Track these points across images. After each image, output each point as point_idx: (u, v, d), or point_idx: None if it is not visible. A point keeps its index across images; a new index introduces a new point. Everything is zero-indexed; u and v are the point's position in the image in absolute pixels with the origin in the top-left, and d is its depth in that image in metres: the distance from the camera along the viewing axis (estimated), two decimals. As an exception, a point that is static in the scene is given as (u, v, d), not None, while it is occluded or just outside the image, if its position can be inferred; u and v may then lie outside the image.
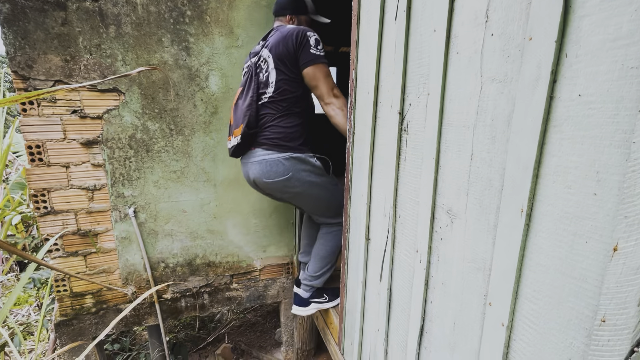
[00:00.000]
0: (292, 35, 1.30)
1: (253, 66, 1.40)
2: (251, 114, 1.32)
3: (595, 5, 0.43)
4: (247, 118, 1.31)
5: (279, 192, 1.42)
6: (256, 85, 1.35)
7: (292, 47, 1.29)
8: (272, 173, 1.34)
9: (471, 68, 0.63)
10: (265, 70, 1.35)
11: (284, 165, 1.33)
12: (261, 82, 1.36)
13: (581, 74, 0.45)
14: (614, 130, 0.41)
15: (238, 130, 1.34)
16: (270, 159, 1.33)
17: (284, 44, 1.30)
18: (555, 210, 0.49)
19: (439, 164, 0.74)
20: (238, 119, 1.35)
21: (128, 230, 1.83)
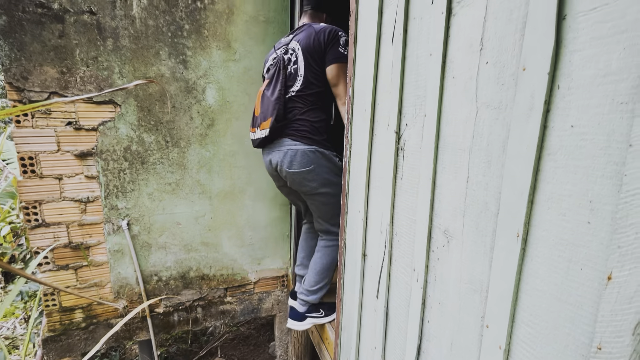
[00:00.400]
0: (325, 31, 1.32)
1: (280, 59, 1.40)
2: (279, 107, 1.33)
3: (586, 42, 0.44)
4: (276, 112, 1.33)
5: (296, 184, 1.42)
6: (284, 78, 1.36)
7: (323, 42, 1.31)
8: (296, 163, 1.35)
9: (467, 93, 0.65)
10: (293, 62, 1.37)
11: (308, 157, 1.35)
12: (290, 75, 1.37)
13: (573, 105, 0.46)
14: (606, 161, 0.43)
15: (266, 123, 1.35)
16: (297, 149, 1.35)
17: (316, 38, 1.32)
18: (551, 237, 0.50)
19: (435, 184, 0.76)
20: (266, 111, 1.36)
21: (121, 243, 1.81)
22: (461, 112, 0.66)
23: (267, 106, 1.36)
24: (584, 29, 0.45)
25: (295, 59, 1.36)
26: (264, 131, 1.37)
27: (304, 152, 1.36)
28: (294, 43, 1.38)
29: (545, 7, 0.49)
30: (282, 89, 1.35)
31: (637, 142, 0.39)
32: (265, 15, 1.83)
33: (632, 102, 0.40)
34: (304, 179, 1.39)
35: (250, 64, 1.86)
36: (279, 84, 1.36)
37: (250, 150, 1.95)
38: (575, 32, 0.46)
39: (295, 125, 1.36)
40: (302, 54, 1.34)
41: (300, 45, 1.35)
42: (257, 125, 1.41)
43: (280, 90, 1.34)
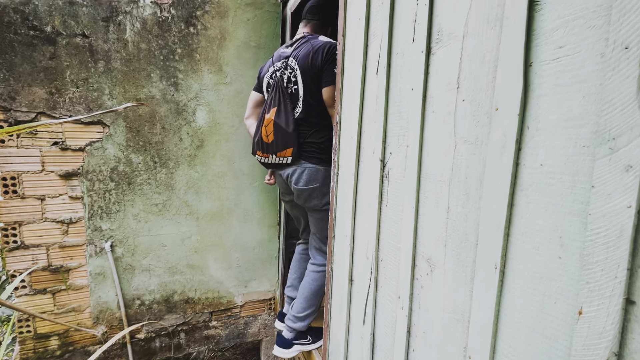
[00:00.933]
0: (324, 49, 1.32)
1: (280, 81, 1.42)
2: (296, 136, 1.39)
3: (550, 88, 0.48)
4: (297, 143, 1.39)
5: (302, 200, 1.47)
6: (290, 102, 1.41)
7: (319, 62, 1.32)
8: (304, 181, 1.43)
9: (446, 127, 0.68)
10: (294, 82, 1.40)
11: (315, 175, 1.42)
12: (292, 96, 1.41)
13: (541, 146, 0.49)
14: (572, 200, 0.45)
15: (287, 152, 1.41)
16: (305, 167, 1.42)
17: (314, 58, 1.33)
18: (526, 269, 0.52)
19: (418, 213, 0.77)
20: (286, 141, 1.40)
21: (103, 266, 1.76)
22: (441, 145, 0.69)
23: (285, 137, 1.40)
24: (549, 76, 0.48)
25: (295, 79, 1.39)
26: (284, 158, 1.43)
27: (311, 171, 1.42)
28: (292, 61, 1.40)
29: (513, 54, 0.52)
30: (293, 117, 1.39)
31: (599, 184, 0.41)
32: (256, 41, 1.89)
33: (592, 146, 0.43)
34: (310, 196, 1.44)
35: (241, 87, 1.89)
36: (290, 112, 1.39)
37: (239, 171, 1.95)
38: (541, 79, 0.49)
39: (305, 147, 1.43)
40: (300, 74, 1.37)
41: (299, 65, 1.37)
42: (273, 152, 1.44)
43: (293, 119, 1.39)
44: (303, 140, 1.42)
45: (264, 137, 1.46)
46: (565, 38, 0.46)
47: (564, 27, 0.46)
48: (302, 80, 1.37)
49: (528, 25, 0.51)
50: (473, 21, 0.61)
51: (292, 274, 1.75)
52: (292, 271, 1.75)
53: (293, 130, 1.38)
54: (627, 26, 0.39)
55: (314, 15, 1.48)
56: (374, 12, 0.96)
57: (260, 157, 1.51)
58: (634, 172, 0.38)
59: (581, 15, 0.44)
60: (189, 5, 1.75)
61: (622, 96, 0.39)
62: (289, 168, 1.46)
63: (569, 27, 0.45)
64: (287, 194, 1.57)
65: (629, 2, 0.38)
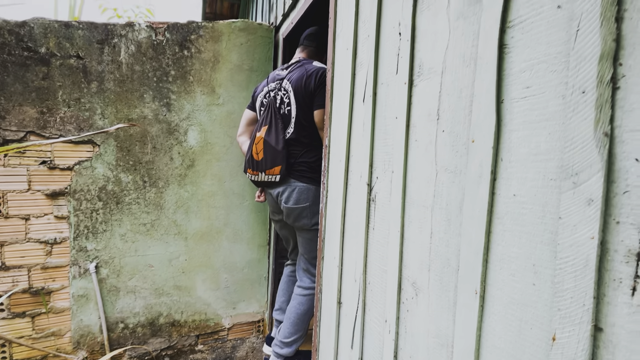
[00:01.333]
0: (317, 74, 1.39)
1: (273, 101, 1.47)
2: (286, 155, 1.42)
3: (520, 124, 0.52)
4: (285, 161, 1.42)
5: (292, 219, 1.48)
6: (282, 122, 1.45)
7: (312, 86, 1.38)
8: (297, 200, 1.45)
9: (428, 156, 0.71)
10: (287, 104, 1.44)
11: (306, 194, 1.44)
12: (284, 117, 1.45)
13: (514, 177, 0.52)
14: (543, 229, 0.48)
15: (276, 170, 1.43)
16: (296, 186, 1.44)
17: (307, 82, 1.39)
18: (504, 295, 0.54)
19: (403, 237, 0.79)
20: (274, 159, 1.43)
21: (86, 288, 1.71)
22: (424, 172, 0.72)
23: (274, 155, 1.43)
24: (518, 113, 0.52)
25: (288, 100, 1.45)
26: (272, 176, 1.45)
27: (301, 189, 1.44)
28: (286, 83, 1.46)
29: (487, 91, 0.56)
30: (284, 137, 1.43)
31: (565, 215, 0.44)
32: (249, 65, 1.94)
33: (559, 180, 0.46)
34: (299, 215, 1.46)
35: (233, 108, 1.93)
36: (280, 131, 1.44)
37: (229, 190, 1.96)
38: (512, 115, 0.53)
39: (296, 167, 1.45)
40: (293, 96, 1.43)
41: (292, 87, 1.43)
42: (263, 170, 1.47)
43: (283, 138, 1.43)
44: (294, 160, 1.45)
45: (254, 155, 1.49)
46: (531, 79, 0.50)
47: (529, 69, 0.50)
48: (295, 102, 1.42)
49: (499, 65, 0.55)
50: (450, 58, 0.66)
51: (280, 296, 1.73)
52: (280, 294, 1.74)
53: (282, 148, 1.41)
54: (583, 73, 0.43)
55: (311, 42, 1.57)
56: (360, 43, 1.01)
57: (250, 174, 1.54)
58: (595, 205, 0.41)
59: (544, 60, 0.48)
60: (184, 30, 1.80)
61: (582, 135, 0.43)
62: (279, 187, 1.48)
63: (534, 70, 0.50)
64: (277, 213, 1.58)
65: (583, 52, 0.43)
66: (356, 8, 1.03)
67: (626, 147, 0.39)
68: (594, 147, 0.41)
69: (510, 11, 0.53)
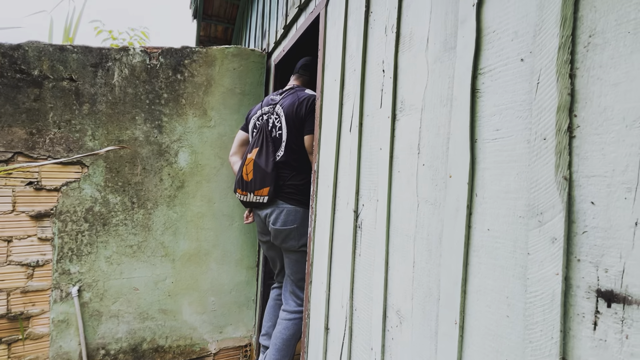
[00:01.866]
0: (309, 100, 1.45)
1: (265, 124, 1.52)
2: (275, 177, 1.45)
3: (492, 163, 0.55)
4: (274, 182, 1.45)
5: (279, 240, 1.49)
6: (272, 145, 1.49)
7: (303, 112, 1.44)
8: (285, 221, 1.46)
9: (409, 187, 0.74)
10: (278, 128, 1.49)
11: (294, 216, 1.46)
12: (275, 140, 1.50)
13: (488, 212, 0.56)
14: (514, 263, 0.51)
15: (264, 191, 1.46)
16: (284, 208, 1.46)
17: (298, 108, 1.45)
18: (481, 326, 0.56)
19: (388, 265, 0.81)
20: (264, 180, 1.46)
21: (67, 312, 1.66)
22: (406, 202, 0.75)
23: (263, 176, 1.47)
24: (490, 153, 0.56)
25: (280, 124, 1.50)
26: (261, 197, 1.48)
27: (289, 211, 1.46)
28: (279, 108, 1.52)
29: (462, 130, 0.61)
30: (274, 158, 1.47)
31: (533, 252, 0.47)
32: (241, 89, 1.99)
33: (526, 217, 0.49)
34: (287, 237, 1.47)
35: (225, 130, 1.96)
36: (270, 153, 1.48)
37: (219, 212, 1.96)
38: (484, 154, 0.57)
39: (285, 189, 1.48)
40: (285, 120, 1.48)
41: (284, 112, 1.49)
42: (251, 190, 1.50)
43: (273, 160, 1.47)
44: (283, 182, 1.47)
45: (244, 176, 1.52)
46: (500, 123, 0.54)
47: (499, 113, 0.55)
48: (286, 126, 1.47)
49: (472, 107, 0.59)
50: (429, 97, 0.70)
51: (266, 321, 1.70)
52: (266, 318, 1.71)
53: (272, 170, 1.45)
54: (544, 121, 0.47)
55: (305, 72, 1.66)
56: (347, 76, 1.07)
57: (240, 195, 1.56)
58: (558, 243, 0.44)
59: (511, 107, 0.53)
60: (178, 55, 1.85)
61: (545, 178, 0.46)
62: (268, 208, 1.50)
63: (503, 115, 0.54)
64: (265, 234, 1.59)
65: (543, 103, 0.47)
66: (343, 43, 1.09)
67: (583, 191, 0.43)
68: (555, 189, 0.45)
69: (481, 59, 0.59)
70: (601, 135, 0.41)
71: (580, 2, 0.44)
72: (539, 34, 0.49)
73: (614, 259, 0.39)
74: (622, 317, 0.38)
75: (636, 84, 0.38)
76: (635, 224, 0.37)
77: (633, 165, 0.38)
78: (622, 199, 0.39)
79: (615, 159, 0.40)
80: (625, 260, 0.38)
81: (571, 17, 0.45)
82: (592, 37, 0.43)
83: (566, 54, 0.45)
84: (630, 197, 0.38)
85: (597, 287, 0.41)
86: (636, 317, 0.37)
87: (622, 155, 0.39)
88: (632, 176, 0.38)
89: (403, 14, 0.81)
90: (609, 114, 0.41)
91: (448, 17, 0.67)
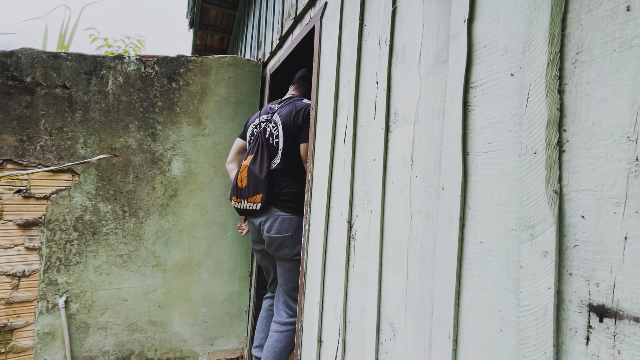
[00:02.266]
0: (305, 110, 1.47)
1: (262, 132, 1.53)
2: (269, 184, 1.46)
3: (484, 176, 0.56)
4: (267, 189, 1.45)
5: (273, 248, 1.49)
6: (268, 153, 1.50)
7: (300, 121, 1.45)
8: (279, 229, 1.46)
9: (403, 198, 0.74)
10: (275, 136, 1.51)
11: (289, 224, 1.46)
12: (271, 147, 1.51)
13: (480, 225, 0.56)
14: (507, 277, 0.51)
15: (257, 198, 1.46)
16: (279, 216, 1.47)
17: (295, 117, 1.46)
18: (475, 340, 0.55)
19: (381, 277, 0.81)
20: (256, 188, 1.46)
21: (53, 324, 1.61)
22: (400, 214, 0.75)
23: (256, 183, 1.47)
24: (482, 166, 0.56)
25: (277, 133, 1.51)
26: (254, 204, 1.48)
27: (284, 219, 1.46)
28: (276, 117, 1.53)
29: (454, 143, 0.61)
30: (269, 165, 1.48)
31: (525, 265, 0.47)
32: (236, 98, 1.99)
33: (518, 230, 0.49)
34: (281, 245, 1.46)
35: (219, 139, 1.95)
36: (265, 161, 1.49)
37: (212, 221, 1.94)
38: (476, 167, 0.57)
39: (281, 197, 1.48)
40: (282, 129, 1.50)
41: (281, 121, 1.50)
42: (245, 197, 1.50)
43: (268, 167, 1.48)
44: (279, 190, 1.48)
45: (239, 183, 1.53)
46: (492, 136, 0.55)
47: (490, 127, 0.55)
48: (283, 134, 1.48)
49: (464, 120, 0.60)
50: (422, 110, 0.71)
51: (259, 332, 1.67)
52: (259, 329, 1.68)
53: (265, 177, 1.45)
54: (534, 135, 0.48)
55: (304, 83, 1.69)
56: (342, 87, 1.07)
57: (234, 202, 1.55)
58: (550, 257, 0.44)
59: (501, 120, 0.53)
60: (173, 63, 1.85)
61: (536, 191, 0.47)
62: (262, 215, 1.49)
63: (494, 128, 0.55)
64: (259, 242, 1.58)
65: (534, 117, 0.48)
66: (338, 55, 1.10)
67: (573, 205, 0.43)
68: (546, 203, 0.45)
69: (472, 73, 0.59)
70: (590, 149, 0.42)
71: (567, 20, 0.45)
72: (528, 50, 0.50)
73: (605, 273, 0.39)
74: (614, 332, 0.38)
75: (622, 100, 0.39)
76: (624, 238, 0.38)
77: (621, 180, 0.38)
78: (611, 213, 0.39)
79: (604, 173, 0.40)
80: (616, 275, 0.38)
81: (559, 35, 0.46)
82: (579, 54, 0.44)
83: (555, 70, 0.46)
84: (620, 212, 0.38)
85: (589, 302, 0.41)
86: (628, 332, 0.37)
87: (610, 170, 0.40)
88: (620, 191, 0.38)
89: (396, 28, 0.82)
90: (597, 129, 0.41)
91: (440, 32, 0.68)
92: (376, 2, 0.92)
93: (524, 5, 0.51)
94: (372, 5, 0.94)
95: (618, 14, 0.40)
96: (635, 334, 0.36)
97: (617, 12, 0.40)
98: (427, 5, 0.72)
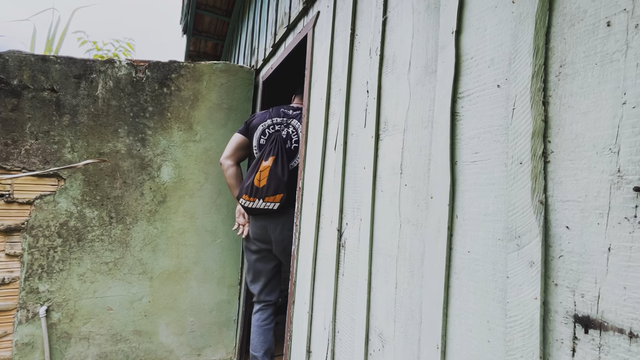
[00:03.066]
0: None
1: (278, 134, 1.57)
2: (289, 184, 1.49)
3: (471, 185, 0.56)
4: (287, 189, 1.48)
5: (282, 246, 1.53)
6: (288, 155, 1.55)
7: None
8: (291, 227, 1.48)
9: (392, 207, 0.74)
10: (294, 141, 1.57)
11: None
12: (289, 151, 1.56)
13: (468, 234, 0.56)
14: (494, 287, 0.50)
15: (277, 198, 1.49)
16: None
17: None
18: (463, 351, 0.55)
19: (371, 286, 0.80)
20: (278, 188, 1.50)
21: (33, 334, 1.56)
22: (389, 222, 0.75)
23: (278, 184, 1.50)
24: (469, 175, 0.57)
25: (296, 137, 1.57)
26: (271, 204, 1.50)
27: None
28: (296, 122, 1.58)
29: (442, 152, 0.61)
30: (288, 169, 1.53)
31: (512, 275, 0.47)
32: (228, 104, 1.99)
33: (505, 240, 0.49)
34: (290, 242, 1.48)
35: (210, 145, 1.94)
36: (286, 162, 1.53)
37: (201, 227, 1.91)
38: (464, 176, 0.58)
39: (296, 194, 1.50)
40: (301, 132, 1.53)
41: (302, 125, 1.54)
42: (262, 197, 1.51)
43: (288, 169, 1.53)
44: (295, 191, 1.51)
45: (255, 182, 1.52)
46: (479, 146, 0.55)
47: (477, 137, 0.56)
48: None
49: (452, 130, 0.60)
50: (411, 119, 0.72)
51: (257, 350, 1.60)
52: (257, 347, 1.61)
53: (288, 179, 1.49)
54: (520, 146, 0.48)
55: None
56: (333, 95, 1.08)
57: (245, 200, 1.53)
58: (536, 267, 0.44)
59: (489, 130, 0.54)
60: (165, 69, 1.84)
61: (522, 202, 0.47)
62: (277, 215, 1.53)
63: (481, 138, 0.55)
64: (264, 242, 1.58)
65: (519, 128, 0.48)
66: (329, 63, 1.11)
67: (558, 215, 0.44)
68: (532, 213, 0.45)
69: (460, 84, 0.60)
70: (574, 161, 0.42)
71: (551, 34, 0.46)
72: (513, 62, 0.50)
73: (590, 284, 0.39)
74: (599, 343, 0.38)
75: (604, 113, 0.39)
76: (608, 249, 0.38)
77: (604, 191, 0.39)
78: (595, 224, 0.39)
79: (587, 184, 0.41)
80: (600, 286, 0.38)
81: (543, 47, 0.47)
82: (562, 67, 0.45)
83: (539, 82, 0.47)
84: (603, 223, 0.39)
85: (575, 313, 0.41)
86: (612, 343, 0.37)
87: (594, 181, 0.40)
88: (603, 202, 0.39)
89: (387, 38, 0.83)
90: (580, 140, 0.42)
91: (429, 43, 0.69)
92: (367, 12, 0.93)
93: (509, 18, 0.52)
94: (363, 15, 0.95)
95: (599, 29, 0.41)
96: (620, 346, 0.36)
97: (598, 27, 0.41)
98: (416, 16, 0.73)
